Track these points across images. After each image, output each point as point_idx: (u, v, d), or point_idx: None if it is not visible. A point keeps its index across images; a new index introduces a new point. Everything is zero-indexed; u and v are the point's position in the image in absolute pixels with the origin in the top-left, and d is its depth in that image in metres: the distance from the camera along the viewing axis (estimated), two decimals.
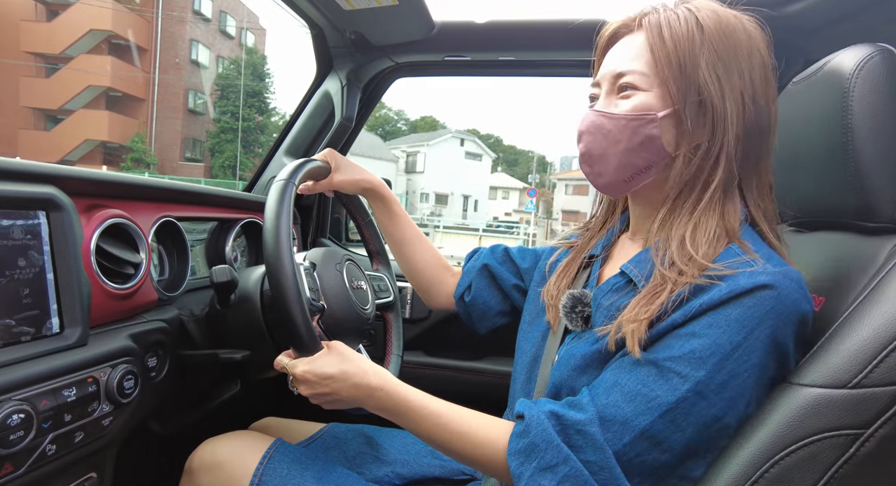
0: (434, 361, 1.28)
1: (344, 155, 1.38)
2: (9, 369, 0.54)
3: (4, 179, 0.57)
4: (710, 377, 0.50)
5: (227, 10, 22.54)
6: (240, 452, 0.74)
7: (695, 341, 0.51)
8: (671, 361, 0.51)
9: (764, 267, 0.52)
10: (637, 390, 0.52)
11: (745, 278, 0.51)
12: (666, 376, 0.51)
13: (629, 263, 0.62)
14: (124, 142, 18.95)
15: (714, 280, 0.52)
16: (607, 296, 0.62)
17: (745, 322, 0.50)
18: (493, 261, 0.89)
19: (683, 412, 0.50)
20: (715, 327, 0.51)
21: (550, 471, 0.52)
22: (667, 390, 0.51)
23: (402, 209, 0.95)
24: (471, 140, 31.41)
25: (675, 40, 0.57)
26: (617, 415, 0.52)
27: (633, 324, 0.53)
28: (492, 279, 0.89)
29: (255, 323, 0.77)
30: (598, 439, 0.51)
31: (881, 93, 0.57)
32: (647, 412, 0.51)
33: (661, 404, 0.51)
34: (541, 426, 0.54)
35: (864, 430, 0.46)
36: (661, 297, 0.54)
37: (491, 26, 1.12)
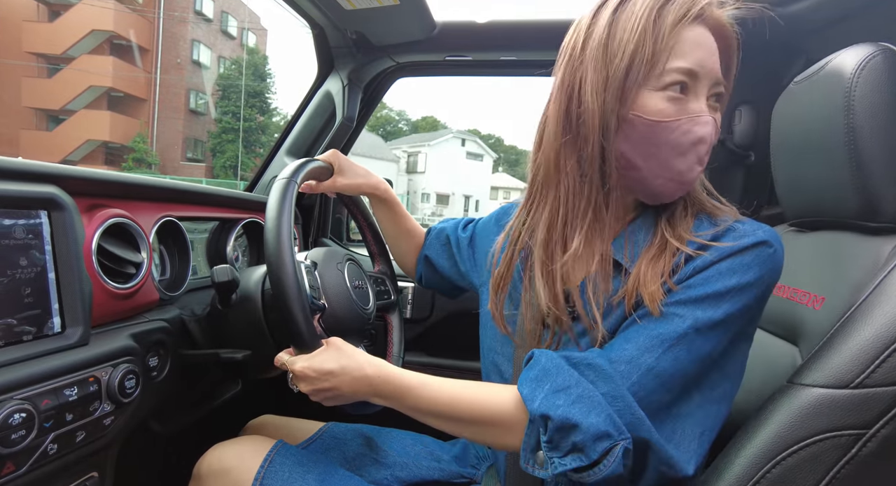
0: (435, 361, 1.28)
1: (345, 155, 1.38)
2: (10, 368, 0.54)
3: (6, 179, 0.57)
4: (708, 316, 0.51)
5: (228, 11, 22.57)
6: (245, 457, 0.74)
7: (691, 291, 0.53)
8: (669, 305, 0.53)
9: (744, 228, 0.54)
10: (640, 332, 0.53)
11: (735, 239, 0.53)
12: (667, 318, 0.52)
13: (612, 246, 0.60)
14: (126, 142, 18.97)
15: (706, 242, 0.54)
16: (594, 284, 0.59)
17: (736, 269, 0.52)
18: (433, 252, 0.94)
19: (685, 349, 0.51)
20: (706, 275, 0.53)
21: (564, 392, 0.51)
22: (668, 329, 0.52)
23: (404, 210, 0.97)
24: (472, 140, 31.41)
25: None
26: (623, 355, 0.52)
27: (654, 286, 0.53)
28: (434, 270, 0.94)
29: (257, 323, 0.77)
30: (608, 370, 0.51)
31: (883, 92, 0.57)
32: (651, 349, 0.51)
33: (664, 340, 0.51)
34: (550, 357, 0.54)
35: (867, 430, 0.46)
36: (666, 252, 0.55)
37: (492, 26, 1.12)
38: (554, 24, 1.08)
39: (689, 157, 0.55)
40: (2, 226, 0.56)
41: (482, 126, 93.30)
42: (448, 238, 0.92)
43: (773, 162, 0.75)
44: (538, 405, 0.51)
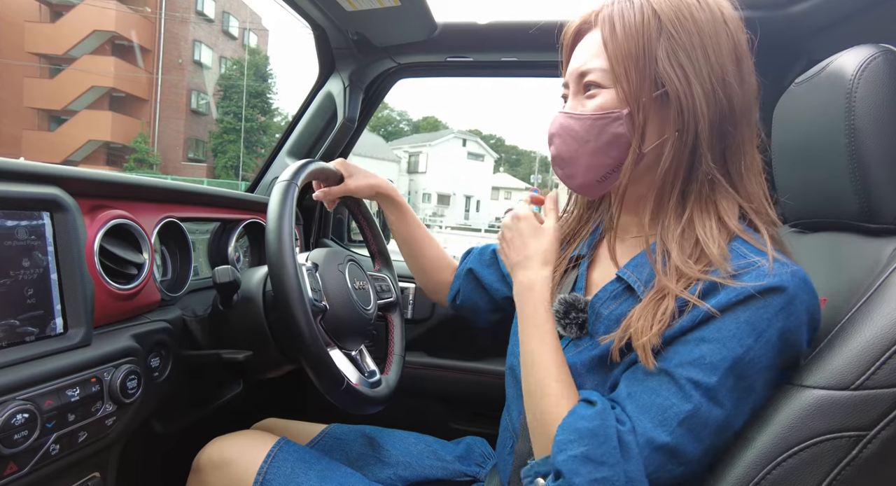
0: (436, 361, 1.28)
1: (346, 156, 1.39)
2: (13, 368, 0.54)
3: (8, 180, 0.57)
4: (722, 383, 0.49)
5: (229, 11, 22.59)
6: (246, 450, 0.74)
7: (704, 347, 0.50)
8: (682, 367, 0.50)
9: (772, 267, 0.50)
10: (651, 402, 0.50)
11: (752, 279, 0.49)
12: (678, 384, 0.50)
13: (626, 268, 0.60)
14: (127, 142, 18.99)
15: (722, 280, 0.50)
16: (606, 304, 0.60)
17: (756, 324, 0.49)
18: (478, 265, 0.91)
19: (700, 422, 0.49)
20: (724, 331, 0.49)
21: (594, 465, 0.48)
22: (680, 399, 0.49)
23: (412, 212, 0.97)
24: (473, 141, 31.40)
25: (627, 33, 0.55)
26: (644, 428, 0.50)
27: (645, 337, 0.51)
28: (477, 283, 0.90)
29: (258, 324, 0.78)
30: (634, 453, 0.49)
31: (884, 94, 0.57)
32: (664, 424, 0.49)
33: (677, 413, 0.49)
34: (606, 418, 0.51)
35: (867, 432, 0.46)
36: (665, 302, 0.52)
37: (493, 27, 1.12)
38: (554, 26, 1.08)
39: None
40: (4, 227, 0.56)
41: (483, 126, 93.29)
42: (494, 253, 0.90)
43: (774, 163, 0.75)
44: (562, 460, 0.50)
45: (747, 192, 0.57)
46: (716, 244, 0.53)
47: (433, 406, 1.31)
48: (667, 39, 0.54)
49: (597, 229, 0.72)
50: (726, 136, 0.56)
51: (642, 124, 0.56)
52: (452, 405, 1.31)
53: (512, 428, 0.71)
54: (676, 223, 0.56)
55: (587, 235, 0.72)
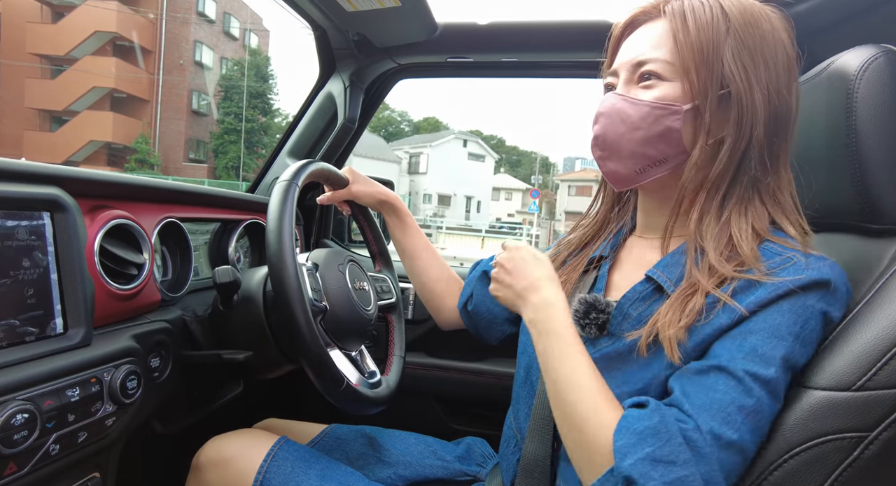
0: (436, 362, 1.28)
1: (347, 156, 1.39)
2: (13, 369, 0.54)
3: (9, 181, 0.57)
4: (779, 375, 0.48)
5: (230, 12, 22.61)
6: (246, 449, 0.74)
7: (753, 338, 0.49)
8: (735, 361, 0.48)
9: (807, 260, 0.51)
10: (711, 398, 0.48)
11: (790, 274, 0.50)
12: (737, 377, 0.48)
13: (656, 268, 0.59)
14: (128, 143, 19.01)
15: (759, 277, 0.50)
16: (635, 304, 0.59)
17: (800, 313, 0.49)
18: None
19: (761, 417, 0.48)
20: (771, 321, 0.49)
21: (665, 466, 0.45)
22: (741, 393, 0.47)
23: (414, 223, 0.97)
24: (474, 141, 31.42)
25: (699, 28, 0.55)
26: (711, 427, 0.47)
27: (672, 330, 0.51)
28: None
29: (258, 324, 0.78)
30: (706, 453, 0.46)
31: (885, 94, 0.56)
32: (728, 421, 0.47)
33: (741, 407, 0.47)
34: (666, 415, 0.48)
35: (869, 433, 0.45)
36: (695, 298, 0.52)
37: (493, 28, 1.12)
38: (554, 26, 1.08)
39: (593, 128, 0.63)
40: (5, 227, 0.56)
41: (484, 127, 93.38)
42: None
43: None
44: (629, 464, 0.46)
45: (780, 200, 0.58)
46: (749, 245, 0.53)
47: (433, 407, 1.31)
48: (734, 40, 0.55)
49: (620, 231, 0.71)
50: (772, 144, 0.57)
51: (707, 123, 0.56)
52: (453, 405, 1.31)
53: (517, 428, 0.71)
54: (716, 223, 0.56)
55: (610, 236, 0.71)
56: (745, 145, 0.56)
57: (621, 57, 0.62)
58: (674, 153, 0.58)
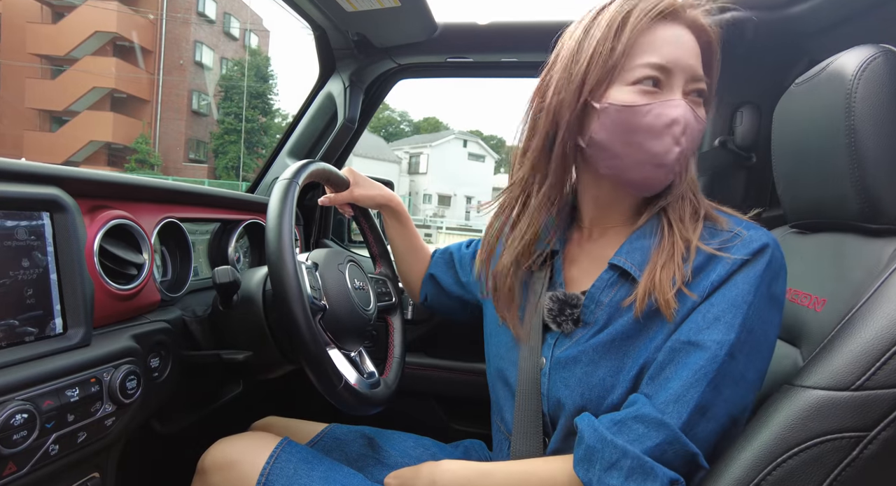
0: (436, 362, 1.28)
1: (347, 156, 1.39)
2: (12, 369, 0.54)
3: (9, 181, 0.57)
4: (739, 337, 0.53)
5: (230, 12, 22.62)
6: (250, 451, 0.74)
7: (715, 309, 0.54)
8: (703, 333, 0.54)
9: (749, 234, 0.56)
10: (681, 367, 0.53)
11: (741, 248, 0.55)
12: (703, 347, 0.53)
13: (618, 255, 0.62)
14: (128, 143, 19.02)
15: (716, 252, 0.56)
16: (605, 292, 0.62)
17: (751, 281, 0.54)
18: (437, 268, 0.95)
19: (725, 377, 0.52)
20: (728, 293, 0.54)
21: (615, 468, 0.51)
22: (706, 359, 0.52)
23: (413, 226, 1.00)
24: (474, 141, 31.40)
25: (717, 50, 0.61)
26: (669, 395, 0.53)
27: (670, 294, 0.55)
28: (440, 288, 0.94)
29: (258, 324, 0.78)
30: (657, 417, 0.52)
31: (884, 94, 0.57)
32: (695, 384, 0.52)
33: (706, 372, 0.52)
34: (592, 429, 0.54)
35: (867, 433, 0.45)
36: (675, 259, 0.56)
37: (493, 28, 1.12)
38: (555, 26, 1.08)
39: (664, 139, 0.57)
40: (4, 227, 0.56)
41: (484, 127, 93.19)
42: (451, 255, 0.94)
43: (775, 163, 0.75)
44: None
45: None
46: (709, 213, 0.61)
47: (433, 407, 1.31)
48: None
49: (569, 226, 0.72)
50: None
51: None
52: (452, 405, 1.31)
53: (505, 429, 0.72)
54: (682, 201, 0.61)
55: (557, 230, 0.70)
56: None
57: (680, 59, 0.57)
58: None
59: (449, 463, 0.66)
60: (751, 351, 0.54)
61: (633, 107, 0.56)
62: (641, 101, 0.56)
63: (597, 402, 0.59)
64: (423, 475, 0.66)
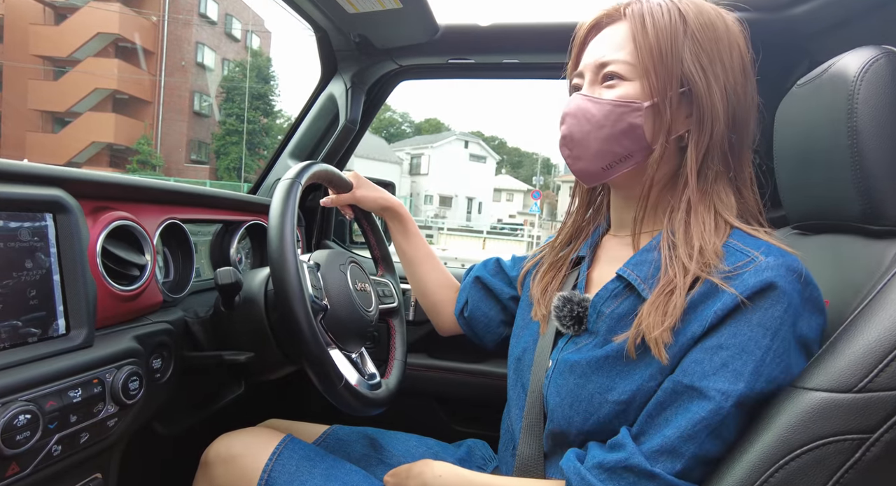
0: (438, 363, 1.28)
1: (348, 157, 1.39)
2: (15, 369, 0.54)
3: (12, 182, 0.58)
4: (750, 388, 0.50)
5: (232, 13, 22.66)
6: (253, 446, 0.75)
7: (724, 353, 0.51)
8: (708, 379, 0.51)
9: (766, 261, 0.52)
10: (679, 415, 0.51)
11: (752, 277, 0.51)
12: (708, 396, 0.50)
13: (626, 266, 0.61)
14: (130, 144, 19.05)
15: (721, 282, 0.52)
16: (607, 302, 0.61)
17: (768, 324, 0.50)
18: (485, 273, 0.90)
19: (730, 426, 0.51)
20: (740, 336, 0.51)
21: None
22: (710, 411, 0.50)
23: (417, 229, 0.98)
24: (475, 142, 31.41)
25: (657, 30, 0.58)
26: (663, 444, 0.51)
27: (657, 331, 0.53)
28: (486, 291, 0.89)
29: (260, 325, 0.78)
30: (650, 469, 0.51)
31: (886, 95, 0.56)
32: (694, 437, 0.50)
33: (708, 424, 0.50)
34: (580, 478, 0.54)
35: (870, 435, 0.45)
36: (674, 298, 0.54)
37: (495, 29, 1.12)
38: (556, 27, 1.08)
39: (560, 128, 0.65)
40: (7, 229, 0.56)
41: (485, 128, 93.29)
42: (498, 262, 0.91)
43: (776, 165, 0.75)
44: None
45: (745, 195, 0.62)
46: (712, 243, 0.56)
47: (435, 408, 1.31)
48: (692, 42, 0.58)
49: (596, 231, 0.74)
50: (733, 141, 0.60)
51: (667, 119, 0.59)
52: (454, 406, 1.31)
53: (511, 429, 0.72)
54: (686, 217, 0.59)
55: (587, 236, 0.74)
56: (707, 141, 0.59)
57: (586, 58, 0.65)
58: (637, 149, 0.61)
59: (442, 467, 0.66)
60: (769, 396, 0.51)
61: None
62: None
63: (584, 415, 0.58)
64: (414, 475, 0.66)
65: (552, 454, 0.64)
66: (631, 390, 0.56)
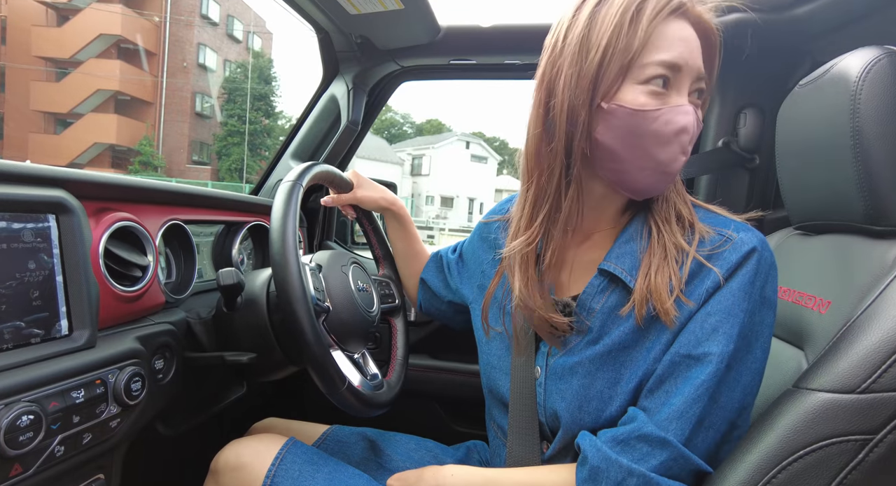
0: (439, 364, 1.28)
1: (350, 158, 1.39)
2: (18, 370, 0.54)
3: (15, 183, 0.58)
4: (736, 346, 0.52)
5: (234, 14, 22.71)
6: (259, 453, 0.74)
7: (712, 319, 0.53)
8: (702, 345, 0.53)
9: (740, 238, 0.55)
10: (681, 382, 0.53)
11: (732, 254, 0.54)
12: (704, 360, 0.53)
13: (608, 260, 0.60)
14: (132, 145, 19.11)
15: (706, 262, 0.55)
16: (595, 298, 0.60)
17: (745, 288, 0.53)
18: (428, 274, 0.94)
19: (726, 388, 0.52)
20: (724, 302, 0.54)
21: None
22: (707, 373, 0.52)
23: (415, 230, 1.00)
24: (476, 143, 31.40)
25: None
26: (671, 412, 0.52)
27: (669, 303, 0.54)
28: (431, 293, 0.94)
29: (262, 326, 0.78)
30: (662, 436, 0.52)
31: (889, 95, 0.56)
32: (697, 400, 0.52)
33: (708, 387, 0.52)
34: (595, 449, 0.54)
35: (873, 436, 0.45)
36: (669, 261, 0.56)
37: (496, 30, 1.12)
38: None
39: (672, 147, 0.55)
40: (10, 229, 0.56)
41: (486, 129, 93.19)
42: (441, 259, 0.94)
43: (779, 165, 0.75)
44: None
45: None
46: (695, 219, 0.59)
47: (435, 408, 1.31)
48: None
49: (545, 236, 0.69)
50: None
51: None
52: (455, 407, 1.31)
53: (499, 428, 0.72)
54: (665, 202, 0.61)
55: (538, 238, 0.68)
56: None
57: (686, 55, 0.54)
58: None
59: (453, 468, 0.65)
60: (745, 356, 0.53)
61: (644, 111, 0.54)
62: (652, 104, 0.54)
63: (595, 414, 0.58)
64: (426, 479, 0.66)
65: (558, 458, 0.63)
66: (639, 375, 0.56)
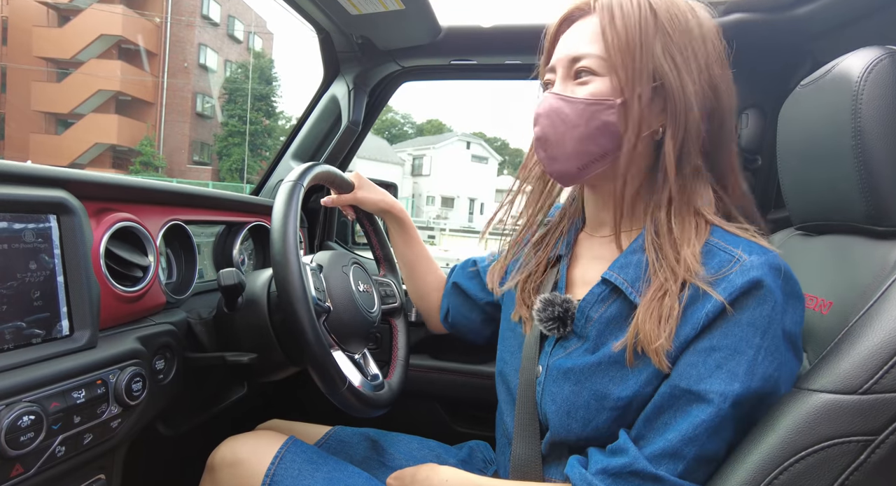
0: (440, 364, 1.28)
1: (351, 158, 1.39)
2: (19, 370, 0.55)
3: (16, 183, 0.58)
4: (746, 387, 0.50)
5: (235, 15, 22.73)
6: (257, 450, 0.74)
7: (717, 355, 0.51)
8: (705, 382, 0.51)
9: (750, 260, 0.52)
10: (679, 419, 0.52)
11: (738, 277, 0.51)
12: (707, 399, 0.51)
13: (611, 269, 0.60)
14: (133, 145, 19.12)
15: (707, 287, 0.52)
16: (595, 307, 0.60)
17: (757, 323, 0.50)
18: (462, 278, 0.91)
19: (729, 427, 0.51)
20: (731, 336, 0.51)
21: None
22: (709, 413, 0.50)
23: (416, 232, 0.99)
24: (477, 143, 31.40)
25: (626, 23, 0.56)
26: (665, 448, 0.52)
27: (657, 343, 0.52)
28: (465, 297, 0.91)
29: (262, 326, 0.78)
30: (652, 472, 0.51)
31: (890, 96, 0.56)
32: (695, 440, 0.51)
33: (708, 427, 0.50)
34: (586, 483, 0.54)
35: (875, 436, 0.45)
36: (667, 301, 0.53)
37: (497, 30, 1.12)
38: None
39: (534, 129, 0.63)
40: (12, 230, 0.56)
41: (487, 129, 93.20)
42: (476, 264, 0.92)
43: (780, 166, 0.75)
44: None
45: (727, 187, 0.61)
46: (692, 244, 0.55)
47: (437, 409, 1.31)
48: (662, 36, 0.56)
49: (572, 228, 0.72)
50: (710, 136, 0.59)
51: (638, 115, 0.57)
52: (456, 407, 1.30)
53: (505, 432, 0.72)
54: (666, 216, 0.58)
55: (563, 234, 0.72)
56: (682, 136, 0.57)
57: (558, 52, 0.62)
58: (613, 147, 0.59)
59: (447, 471, 0.65)
60: (764, 396, 0.51)
61: None
62: None
63: (582, 422, 0.58)
64: (419, 479, 0.66)
65: (551, 457, 0.64)
66: (627, 396, 0.56)
